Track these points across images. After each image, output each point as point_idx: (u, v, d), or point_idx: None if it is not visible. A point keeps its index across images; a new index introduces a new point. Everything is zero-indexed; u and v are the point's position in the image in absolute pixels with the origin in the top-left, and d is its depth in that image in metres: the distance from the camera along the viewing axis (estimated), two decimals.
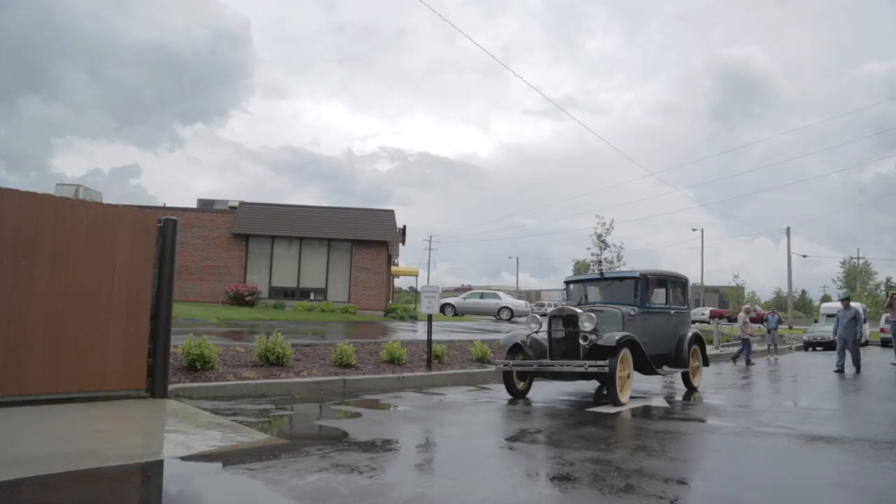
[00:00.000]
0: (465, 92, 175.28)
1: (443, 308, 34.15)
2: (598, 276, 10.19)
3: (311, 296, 25.57)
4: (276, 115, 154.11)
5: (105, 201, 32.19)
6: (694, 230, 53.82)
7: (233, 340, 10.91)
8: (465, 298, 34.21)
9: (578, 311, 8.52)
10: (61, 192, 30.86)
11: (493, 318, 31.48)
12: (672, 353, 9.79)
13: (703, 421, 7.45)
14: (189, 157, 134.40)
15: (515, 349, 8.84)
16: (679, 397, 9.45)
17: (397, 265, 40.32)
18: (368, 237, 25.78)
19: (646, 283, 9.39)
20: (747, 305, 21.23)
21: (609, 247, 17.12)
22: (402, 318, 24.28)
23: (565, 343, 8.45)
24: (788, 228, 49.04)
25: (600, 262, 10.46)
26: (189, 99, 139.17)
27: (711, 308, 49.22)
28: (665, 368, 9.50)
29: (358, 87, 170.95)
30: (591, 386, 10.04)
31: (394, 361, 10.13)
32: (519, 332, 9.62)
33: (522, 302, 34.27)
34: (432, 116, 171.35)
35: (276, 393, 7.88)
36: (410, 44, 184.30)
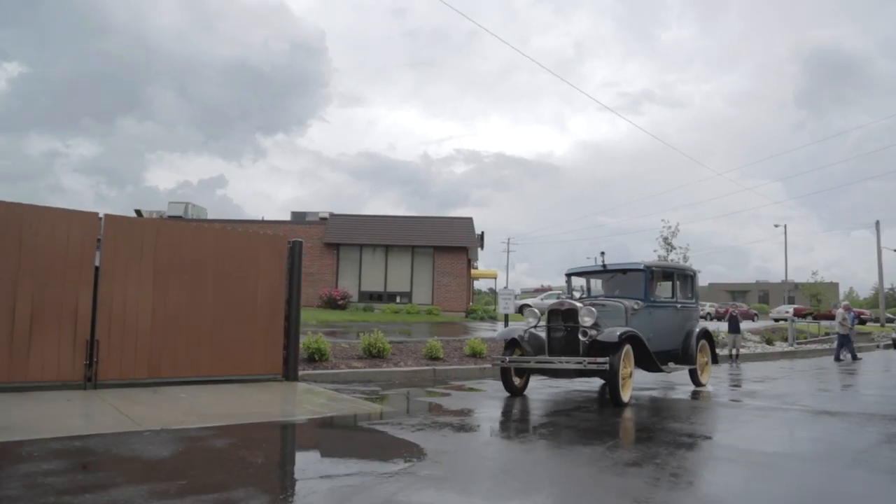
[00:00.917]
0: (539, 91, 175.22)
1: (521, 309, 35.60)
2: (601, 268, 9.56)
3: (398, 299, 27.60)
4: (353, 123, 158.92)
5: (181, 201, 35.32)
6: (776, 226, 52.86)
7: (333, 338, 12.80)
8: (542, 299, 35.49)
9: (578, 304, 8.16)
10: (173, 210, 34.31)
11: None
12: (679, 349, 9.43)
13: (737, 401, 8.70)
14: (271, 166, 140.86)
15: (512, 344, 8.53)
16: (713, 387, 10.63)
17: (476, 268, 42.00)
18: (449, 244, 27.58)
19: (651, 275, 9.05)
20: (846, 303, 21.60)
21: (675, 248, 18.06)
22: (481, 319, 25.91)
23: (564, 338, 8.11)
24: (878, 222, 47.56)
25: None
26: (270, 111, 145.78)
27: (796, 306, 48.32)
28: (671, 365, 9.04)
29: (431, 92, 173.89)
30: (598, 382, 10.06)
31: (475, 355, 11.74)
32: (516, 326, 9.17)
33: None
34: (506, 117, 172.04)
35: (379, 379, 9.65)
36: (482, 46, 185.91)
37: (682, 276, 9.96)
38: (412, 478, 4.07)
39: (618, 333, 7.60)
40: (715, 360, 10.48)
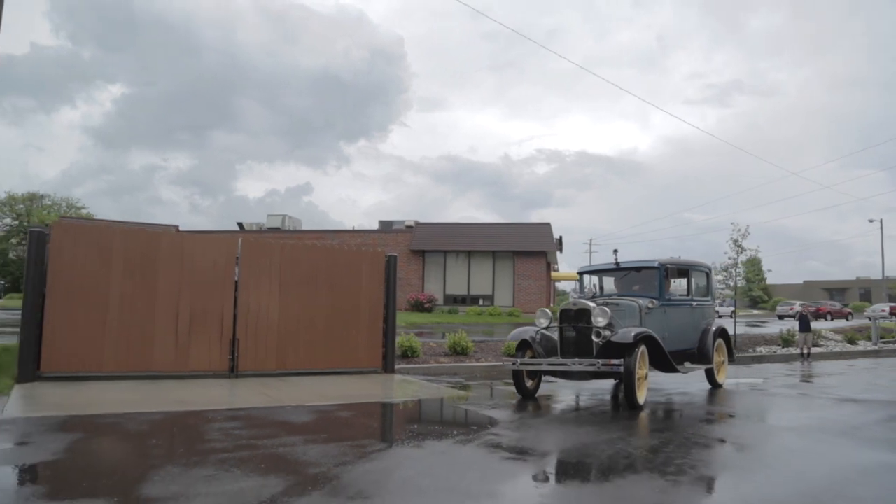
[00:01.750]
0: (621, 86, 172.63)
1: None
2: (615, 266, 9.37)
3: (480, 301, 29.13)
4: (434, 126, 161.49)
5: (278, 214, 37.92)
6: (871, 221, 51.03)
7: (422, 338, 14.40)
8: None
9: (591, 304, 7.92)
10: (271, 222, 37.07)
11: None
12: (694, 348, 9.23)
13: (777, 392, 9.68)
14: (355, 172, 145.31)
15: (524, 346, 8.40)
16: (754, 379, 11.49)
17: (557, 271, 42.97)
18: (528, 248, 28.86)
19: (665, 273, 8.85)
20: None
21: (745, 250, 18.64)
22: None
23: (577, 339, 7.91)
24: None
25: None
26: (352, 118, 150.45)
27: (893, 304, 46.55)
28: (687, 365, 8.85)
29: (512, 93, 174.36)
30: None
31: None
32: (528, 328, 8.84)
33: None
34: (588, 114, 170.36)
35: (463, 372, 11.15)
36: (562, 44, 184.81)
37: (698, 274, 9.74)
38: (488, 434, 5.53)
39: (633, 334, 7.43)
40: (732, 358, 10.19)
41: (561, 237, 32.16)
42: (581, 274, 10.23)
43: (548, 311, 8.68)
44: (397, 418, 6.96)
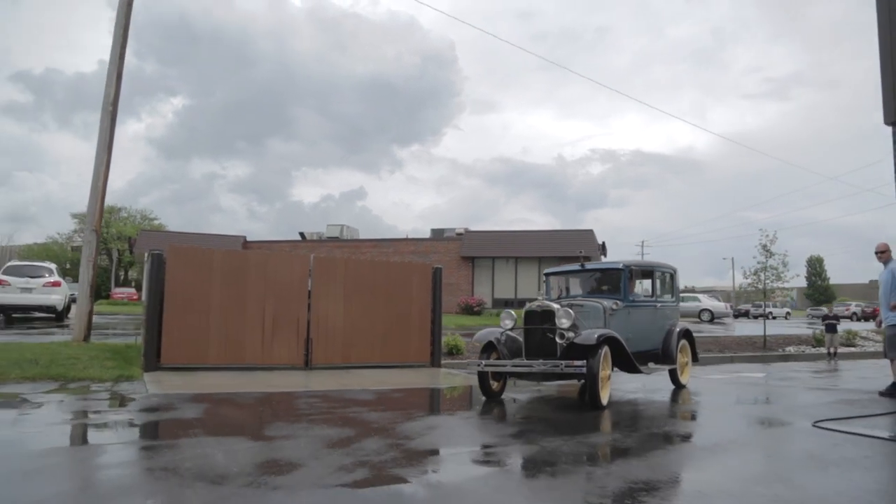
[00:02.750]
0: (676, 83, 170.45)
1: None
2: (580, 268, 9.55)
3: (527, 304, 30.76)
4: (487, 129, 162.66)
5: (337, 224, 40.20)
6: None
7: (468, 338, 16.17)
8: None
9: (555, 306, 7.93)
10: (330, 231, 39.50)
11: (695, 319, 34.15)
12: (659, 348, 9.37)
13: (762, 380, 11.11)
14: (408, 176, 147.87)
15: (489, 348, 8.42)
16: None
17: None
18: (572, 254, 30.30)
19: (629, 274, 9.00)
20: None
21: (773, 255, 19.76)
22: None
23: (542, 341, 7.96)
24: None
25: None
26: (405, 123, 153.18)
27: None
28: (651, 366, 9.05)
29: (564, 93, 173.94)
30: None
31: None
32: (494, 329, 8.86)
33: (723, 304, 36.36)
34: (642, 113, 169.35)
35: None
36: (613, 41, 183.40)
37: (662, 275, 9.93)
38: (511, 406, 7.31)
39: (595, 335, 7.51)
40: (695, 359, 10.32)
41: (604, 242, 33.54)
42: (547, 276, 10.24)
43: (512, 312, 8.74)
44: (437, 399, 8.79)
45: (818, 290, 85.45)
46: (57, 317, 20.02)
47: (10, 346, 10.53)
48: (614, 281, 9.08)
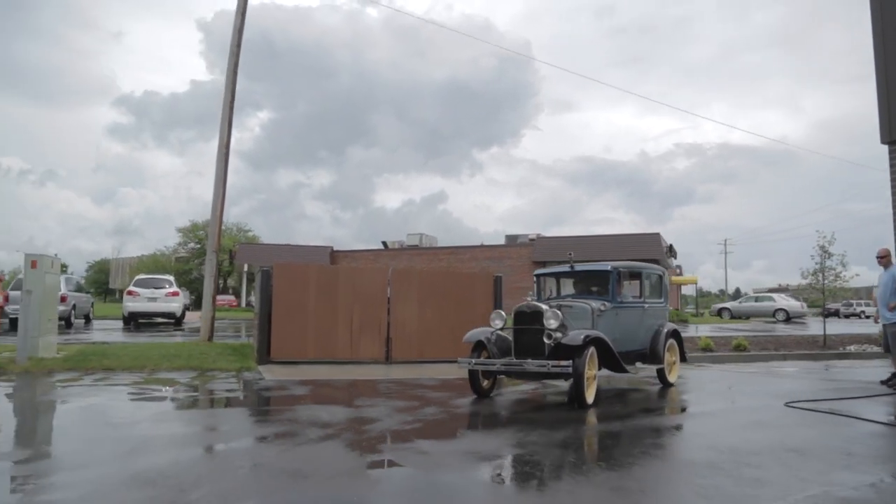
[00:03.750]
0: (765, 70, 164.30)
1: (719, 312, 38.01)
2: (569, 270, 9.76)
3: None
4: (566, 128, 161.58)
5: (416, 232, 42.43)
6: None
7: None
8: (740, 303, 37.63)
9: (544, 307, 8.19)
10: (410, 240, 42.08)
11: (770, 319, 34.47)
12: (646, 349, 9.59)
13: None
14: (488, 179, 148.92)
15: (479, 347, 8.67)
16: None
17: (679, 274, 44.73)
18: (639, 257, 31.42)
19: (617, 276, 9.20)
20: None
21: (831, 255, 20.49)
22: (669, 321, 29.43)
23: (530, 340, 8.20)
24: None
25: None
26: (483, 126, 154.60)
27: None
28: (638, 365, 9.31)
29: (645, 87, 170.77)
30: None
31: None
32: (484, 328, 9.11)
33: (798, 303, 36.29)
34: (729, 104, 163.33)
35: None
36: (694, 31, 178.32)
37: (651, 277, 10.15)
38: (538, 392, 9.15)
39: (582, 336, 7.73)
40: (684, 358, 10.59)
41: (671, 245, 34.39)
42: (537, 276, 10.48)
43: (502, 312, 9.09)
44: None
45: None
46: (176, 322, 23.20)
47: (154, 345, 13.22)
48: (603, 282, 9.29)
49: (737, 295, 67.93)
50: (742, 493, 4.21)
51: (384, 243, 43.55)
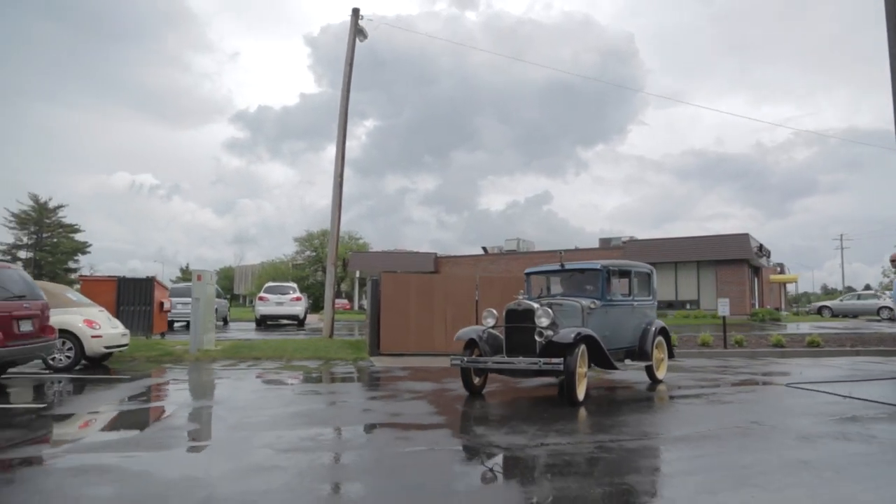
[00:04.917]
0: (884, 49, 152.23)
1: (819, 310, 37.71)
2: (559, 268, 9.88)
3: (687, 306, 33.13)
4: (674, 122, 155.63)
5: (514, 238, 44.30)
6: None
7: None
8: (842, 301, 37.15)
9: (535, 305, 8.27)
10: (508, 245, 44.39)
11: (874, 318, 33.97)
12: (635, 346, 9.73)
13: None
14: (594, 177, 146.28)
15: (471, 345, 8.76)
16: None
17: (779, 272, 44.41)
18: (729, 258, 32.25)
19: (607, 275, 9.28)
20: None
21: None
22: (761, 321, 30.00)
23: (522, 338, 8.28)
24: None
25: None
26: (587, 123, 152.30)
27: None
28: (627, 362, 9.42)
29: (757, 74, 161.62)
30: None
31: (703, 344, 17.65)
32: (476, 327, 9.32)
33: None
34: (853, 86, 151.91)
35: None
36: (808, 10, 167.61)
37: (640, 275, 10.27)
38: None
39: (573, 334, 7.83)
40: (671, 356, 10.82)
41: (761, 245, 34.70)
42: (528, 275, 10.57)
43: (494, 311, 9.09)
44: None
45: None
46: (299, 323, 26.71)
47: (287, 340, 16.34)
48: (593, 281, 9.43)
49: (849, 292, 65.20)
50: (731, 461, 6.26)
51: (484, 248, 46.06)
